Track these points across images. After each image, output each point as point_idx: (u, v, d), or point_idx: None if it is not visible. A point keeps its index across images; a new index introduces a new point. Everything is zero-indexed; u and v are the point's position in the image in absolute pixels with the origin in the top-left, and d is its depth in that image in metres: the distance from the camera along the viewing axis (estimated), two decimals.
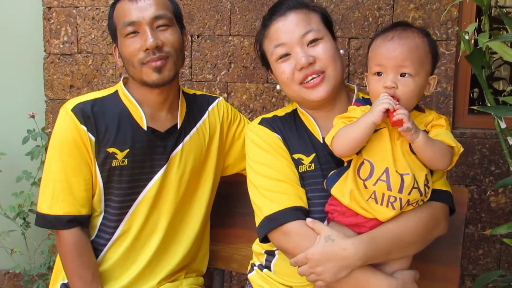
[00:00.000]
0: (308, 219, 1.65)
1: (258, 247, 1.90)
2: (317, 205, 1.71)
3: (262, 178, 1.76)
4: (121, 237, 1.92)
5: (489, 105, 2.01)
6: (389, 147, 1.58)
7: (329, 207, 1.66)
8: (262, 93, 3.01)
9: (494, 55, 3.37)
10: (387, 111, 1.52)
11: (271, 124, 1.83)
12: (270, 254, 1.85)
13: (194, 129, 2.00)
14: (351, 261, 1.54)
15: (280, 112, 1.89)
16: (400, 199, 1.58)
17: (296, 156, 1.77)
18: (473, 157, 2.84)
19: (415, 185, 1.58)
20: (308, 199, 1.72)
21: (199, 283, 2.10)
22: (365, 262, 1.57)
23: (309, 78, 1.72)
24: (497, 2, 4.70)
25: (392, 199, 1.58)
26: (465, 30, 2.06)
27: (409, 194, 1.58)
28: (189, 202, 2.01)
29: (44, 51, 3.16)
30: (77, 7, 3.11)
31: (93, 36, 3.11)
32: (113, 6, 1.91)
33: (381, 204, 1.58)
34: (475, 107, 1.95)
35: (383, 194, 1.57)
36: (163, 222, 1.95)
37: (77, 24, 3.12)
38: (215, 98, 2.12)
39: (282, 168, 1.74)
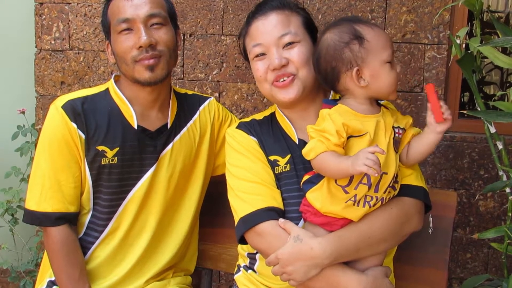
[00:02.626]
0: (280, 220, 1.67)
1: (242, 249, 1.91)
2: (293, 205, 1.72)
3: (237, 180, 1.78)
4: (109, 235, 1.91)
5: (479, 109, 2.02)
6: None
7: (303, 207, 1.68)
8: (254, 93, 3.01)
9: (485, 60, 3.39)
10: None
11: (248, 127, 1.86)
12: (252, 258, 1.86)
13: (185, 129, 2.00)
14: (319, 260, 1.57)
15: (259, 116, 1.92)
16: (377, 197, 1.59)
17: (272, 157, 1.79)
18: (463, 161, 2.86)
19: (391, 184, 1.60)
20: (283, 199, 1.74)
21: (187, 282, 2.10)
22: (333, 261, 1.58)
23: (281, 79, 1.74)
24: (489, 7, 4.73)
25: (368, 199, 1.59)
26: (457, 34, 2.08)
27: (384, 192, 1.59)
28: (179, 201, 2.01)
29: (35, 47, 3.15)
30: (69, 3, 3.09)
31: (85, 33, 3.10)
32: (107, 2, 1.90)
33: (358, 205, 1.59)
34: (465, 111, 1.96)
35: (364, 196, 1.58)
36: (152, 221, 1.95)
37: (69, 20, 3.10)
38: (206, 98, 2.12)
39: (257, 170, 1.76)
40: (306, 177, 1.69)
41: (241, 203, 1.75)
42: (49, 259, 1.89)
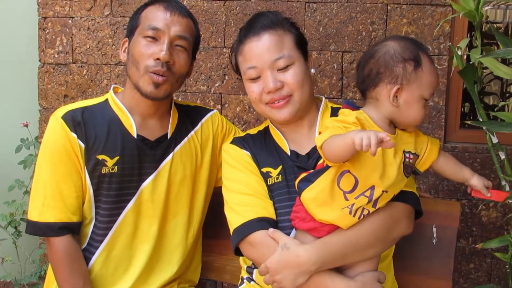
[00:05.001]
0: (270, 229, 1.69)
1: (244, 262, 1.94)
2: (284, 214, 1.75)
3: (231, 193, 1.83)
4: (110, 244, 1.91)
5: (481, 120, 2.04)
6: (381, 167, 1.58)
7: (292, 215, 1.70)
8: None
9: (484, 70, 3.41)
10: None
11: (241, 142, 1.91)
12: (250, 272, 1.88)
13: (185, 140, 2.01)
14: (306, 267, 1.59)
15: (253, 131, 1.97)
16: (370, 211, 1.61)
17: (264, 170, 1.83)
18: None
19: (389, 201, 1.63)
20: (275, 209, 1.76)
21: None
22: (320, 267, 1.60)
23: (276, 102, 1.78)
24: (487, 18, 4.76)
25: (366, 212, 1.60)
26: (458, 45, 2.09)
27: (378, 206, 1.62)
28: (181, 212, 2.02)
29: (39, 60, 3.17)
30: (73, 17, 3.12)
31: (88, 46, 3.12)
32: (145, 6, 1.93)
33: (354, 215, 1.59)
34: (468, 122, 1.98)
35: (360, 207, 1.59)
36: (153, 231, 1.95)
37: (72, 34, 3.13)
38: (210, 110, 2.14)
39: (249, 182, 1.80)
40: (303, 175, 1.69)
41: (234, 215, 1.78)
42: (53, 269, 1.89)
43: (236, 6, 3.01)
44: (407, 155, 1.65)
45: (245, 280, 1.91)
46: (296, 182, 1.70)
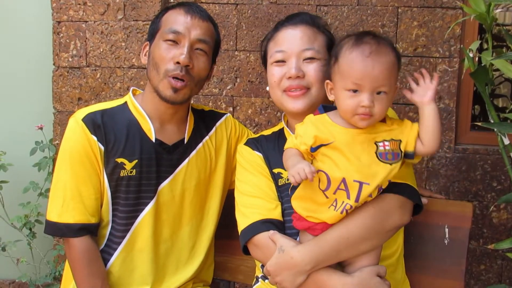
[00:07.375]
0: (270, 231, 1.73)
1: (257, 261, 1.95)
2: (291, 214, 1.77)
3: (240, 195, 1.87)
4: (127, 248, 1.93)
5: (492, 121, 2.05)
6: (344, 159, 1.58)
7: (293, 215, 1.72)
8: (267, 107, 3.05)
9: (494, 72, 3.42)
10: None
11: (254, 143, 1.95)
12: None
13: (200, 145, 2.03)
14: (300, 267, 1.63)
15: (267, 132, 2.01)
16: (353, 206, 1.60)
17: (276, 170, 1.86)
18: (475, 172, 2.87)
19: (371, 194, 1.61)
20: (284, 209, 1.80)
21: None
22: (316, 266, 1.63)
23: (293, 90, 1.81)
24: (496, 20, 4.77)
25: (347, 207, 1.60)
26: (469, 47, 2.11)
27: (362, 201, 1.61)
28: (196, 215, 2.04)
29: (53, 64, 3.20)
30: (86, 21, 3.15)
31: (101, 50, 3.15)
32: (166, 10, 1.95)
33: (336, 210, 1.60)
34: (479, 123, 1.99)
35: (343, 202, 1.60)
36: (170, 234, 1.97)
37: (86, 38, 3.16)
38: (223, 114, 2.16)
39: (258, 184, 1.84)
40: None
41: (241, 217, 1.83)
42: (71, 270, 1.90)
43: (247, 9, 3.04)
44: (380, 144, 1.60)
45: (260, 279, 1.93)
46: (289, 189, 1.77)
